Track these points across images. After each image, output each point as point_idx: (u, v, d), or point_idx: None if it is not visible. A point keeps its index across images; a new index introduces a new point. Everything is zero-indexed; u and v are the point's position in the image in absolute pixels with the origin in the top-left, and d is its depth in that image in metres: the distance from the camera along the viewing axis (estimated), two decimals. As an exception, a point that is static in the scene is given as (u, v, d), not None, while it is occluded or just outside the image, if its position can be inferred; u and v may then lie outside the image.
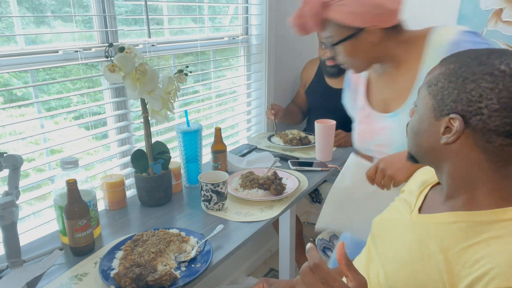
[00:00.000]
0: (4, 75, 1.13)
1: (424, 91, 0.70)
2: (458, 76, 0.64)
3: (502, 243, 0.59)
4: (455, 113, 0.63)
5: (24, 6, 1.18)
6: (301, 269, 0.58)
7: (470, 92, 0.61)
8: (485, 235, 0.61)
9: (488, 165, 0.64)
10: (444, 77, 0.66)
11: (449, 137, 0.64)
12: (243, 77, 2.07)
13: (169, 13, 1.67)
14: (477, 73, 0.61)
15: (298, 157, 1.76)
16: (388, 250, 0.79)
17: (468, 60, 0.64)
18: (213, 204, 1.28)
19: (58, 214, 1.10)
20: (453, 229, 0.66)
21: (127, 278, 0.90)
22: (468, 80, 0.62)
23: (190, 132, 1.41)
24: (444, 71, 0.67)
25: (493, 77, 0.60)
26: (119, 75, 1.11)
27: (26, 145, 1.26)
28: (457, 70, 0.64)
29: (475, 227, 0.63)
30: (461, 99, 0.62)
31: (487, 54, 0.63)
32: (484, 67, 0.61)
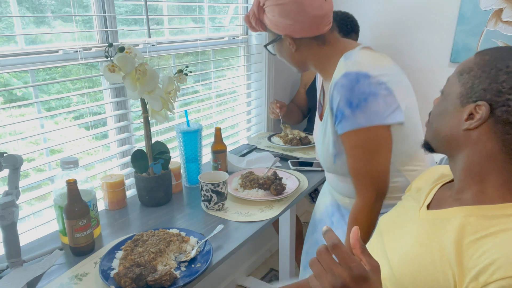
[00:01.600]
0: (4, 75, 1.13)
1: (454, 79, 0.72)
2: (492, 66, 0.66)
3: (509, 235, 0.61)
4: (483, 101, 0.65)
5: (24, 6, 1.18)
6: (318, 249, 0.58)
7: (502, 83, 0.64)
8: (493, 228, 0.63)
9: (503, 157, 0.65)
10: (478, 66, 0.68)
11: (472, 123, 0.66)
12: (243, 77, 2.07)
13: (169, 13, 1.67)
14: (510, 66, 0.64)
15: (298, 157, 1.76)
16: (396, 245, 0.80)
17: (505, 54, 0.66)
18: (213, 204, 1.28)
19: (58, 214, 1.10)
20: (462, 223, 0.67)
21: (127, 278, 0.90)
22: (501, 71, 0.64)
23: (190, 132, 1.41)
24: (479, 61, 0.68)
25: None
26: (119, 75, 1.11)
27: (26, 145, 1.26)
28: (492, 61, 0.66)
29: (484, 221, 0.65)
30: (491, 88, 0.64)
31: None
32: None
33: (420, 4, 2.00)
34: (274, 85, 2.14)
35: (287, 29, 1.09)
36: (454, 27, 1.92)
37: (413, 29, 2.05)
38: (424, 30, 2.02)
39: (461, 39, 1.90)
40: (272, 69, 2.09)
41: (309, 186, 1.49)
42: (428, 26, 2.01)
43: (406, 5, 2.05)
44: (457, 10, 1.89)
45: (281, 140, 1.92)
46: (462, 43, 1.90)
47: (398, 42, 2.07)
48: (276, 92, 2.17)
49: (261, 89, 2.12)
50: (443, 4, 1.94)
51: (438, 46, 1.98)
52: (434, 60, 2.00)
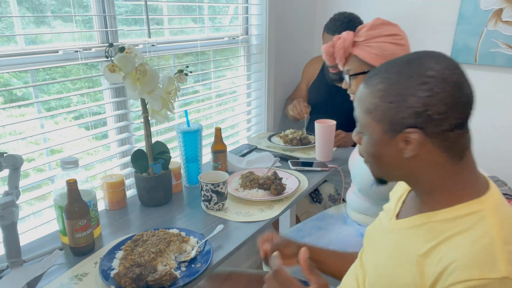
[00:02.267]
0: (4, 75, 1.13)
1: (367, 119, 0.70)
2: (394, 94, 0.65)
3: (462, 237, 0.61)
4: (410, 127, 0.64)
5: (24, 6, 1.18)
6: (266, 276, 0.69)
7: (414, 105, 0.63)
8: (448, 232, 0.63)
9: (449, 162, 0.66)
10: (380, 100, 0.67)
11: (412, 149, 0.65)
12: (243, 77, 2.07)
13: (169, 13, 1.67)
14: (412, 87, 0.63)
15: (298, 157, 1.76)
16: (371, 258, 0.80)
17: (394, 77, 0.65)
18: (213, 204, 1.28)
19: (58, 214, 1.10)
20: (422, 231, 0.67)
21: (127, 278, 0.90)
22: (406, 96, 0.63)
23: (190, 132, 1.41)
24: (376, 93, 0.67)
25: (427, 85, 0.62)
26: (119, 75, 1.11)
27: (26, 145, 1.26)
28: (390, 90, 0.65)
29: (440, 226, 0.65)
30: (409, 114, 0.64)
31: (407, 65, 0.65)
32: (414, 78, 0.63)
33: (420, 4, 2.00)
34: (274, 85, 2.14)
35: None
36: (454, 27, 1.92)
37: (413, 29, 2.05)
38: (424, 30, 2.02)
39: (461, 39, 1.90)
40: (272, 69, 2.09)
41: (309, 186, 1.49)
42: (428, 26, 2.01)
43: (406, 5, 2.05)
44: (457, 10, 1.89)
45: (281, 140, 1.92)
46: (462, 43, 1.90)
47: (398, 42, 2.07)
48: (276, 92, 2.17)
49: (261, 89, 2.12)
50: (443, 4, 1.94)
51: (438, 46, 1.97)
52: (434, 60, 2.00)
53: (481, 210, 0.63)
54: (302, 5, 2.22)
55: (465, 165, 0.67)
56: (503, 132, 1.92)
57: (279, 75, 2.17)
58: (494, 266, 0.56)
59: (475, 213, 0.63)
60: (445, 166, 0.66)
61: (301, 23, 2.26)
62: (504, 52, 1.81)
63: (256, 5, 1.97)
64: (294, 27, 2.21)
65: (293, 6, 2.15)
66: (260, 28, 2.01)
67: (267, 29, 1.99)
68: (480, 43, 1.86)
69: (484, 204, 0.63)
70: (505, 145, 1.93)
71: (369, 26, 1.21)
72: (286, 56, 2.20)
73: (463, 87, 0.63)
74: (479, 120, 1.94)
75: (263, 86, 2.10)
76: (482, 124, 1.94)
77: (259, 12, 1.98)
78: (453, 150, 0.65)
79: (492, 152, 1.95)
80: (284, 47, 2.16)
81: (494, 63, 1.84)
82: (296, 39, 2.24)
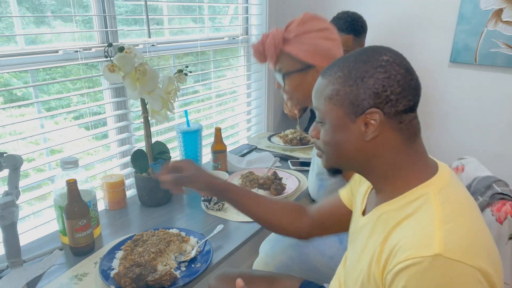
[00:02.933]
0: (4, 75, 1.13)
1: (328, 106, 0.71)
2: (354, 78, 0.68)
3: (408, 221, 0.63)
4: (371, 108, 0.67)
5: (24, 6, 1.18)
6: None
7: (373, 86, 0.66)
8: (398, 218, 0.65)
9: (404, 145, 0.69)
10: (340, 85, 0.69)
11: (373, 131, 0.68)
12: (243, 77, 2.07)
13: (169, 13, 1.67)
14: (370, 70, 0.67)
15: (298, 157, 1.76)
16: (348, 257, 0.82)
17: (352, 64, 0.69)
18: (213, 204, 1.28)
19: (58, 214, 1.10)
20: (379, 222, 0.69)
21: (127, 278, 0.90)
22: (365, 78, 0.67)
23: (190, 132, 1.41)
24: (335, 80, 0.70)
25: (383, 68, 0.66)
26: (119, 75, 1.11)
27: (26, 145, 1.26)
28: (349, 75, 0.69)
29: (393, 215, 0.67)
30: (369, 95, 0.67)
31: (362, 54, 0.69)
32: (371, 63, 0.67)
33: (420, 4, 2.00)
34: (274, 85, 2.14)
35: (323, 61, 1.14)
36: (454, 27, 1.92)
37: (413, 29, 2.05)
38: (424, 30, 2.02)
39: (461, 39, 1.90)
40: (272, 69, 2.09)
41: (309, 186, 1.49)
42: (428, 26, 2.01)
43: (406, 5, 2.05)
44: (457, 10, 1.89)
45: (281, 140, 1.92)
46: (462, 43, 1.90)
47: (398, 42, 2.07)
48: (276, 92, 2.17)
49: (261, 89, 2.12)
50: (443, 4, 1.94)
51: (438, 46, 1.97)
52: (434, 60, 2.00)
53: (426, 193, 0.65)
54: (302, 5, 2.22)
55: (416, 149, 0.69)
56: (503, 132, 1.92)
57: (279, 75, 2.17)
58: (429, 244, 0.57)
59: (421, 196, 0.65)
60: (400, 148, 0.69)
61: (301, 23, 2.26)
62: (504, 52, 1.81)
63: (256, 5, 1.97)
64: (294, 27, 2.20)
65: (293, 6, 2.15)
66: (260, 28, 2.01)
67: (267, 29, 1.99)
68: (480, 43, 1.86)
69: (429, 187, 0.66)
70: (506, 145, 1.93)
71: (299, 22, 1.16)
72: (286, 56, 2.20)
73: (412, 73, 0.68)
74: (479, 120, 1.95)
75: (263, 86, 2.10)
76: (482, 124, 1.94)
77: (259, 12, 1.98)
78: (407, 133, 0.68)
79: (493, 152, 1.95)
80: (284, 47, 2.16)
81: (494, 63, 1.84)
82: (296, 39, 2.24)
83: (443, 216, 0.60)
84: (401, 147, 0.68)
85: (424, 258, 0.56)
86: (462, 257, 0.56)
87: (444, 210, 0.61)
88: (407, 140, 0.68)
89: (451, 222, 0.60)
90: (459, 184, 0.70)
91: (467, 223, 0.61)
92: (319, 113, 0.74)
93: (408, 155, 0.69)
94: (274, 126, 2.23)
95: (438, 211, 0.61)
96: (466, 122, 1.94)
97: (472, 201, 0.68)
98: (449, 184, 0.67)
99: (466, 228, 0.60)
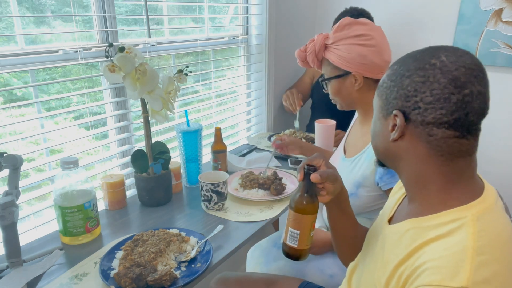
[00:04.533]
0: (4, 75, 1.13)
1: (376, 94, 0.72)
2: (397, 74, 0.66)
3: (438, 243, 0.59)
4: (396, 110, 0.65)
5: (24, 6, 1.18)
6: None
7: (407, 87, 0.64)
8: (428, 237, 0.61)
9: (435, 160, 0.64)
10: (388, 77, 0.69)
11: (394, 133, 0.66)
12: (243, 77, 2.07)
13: (169, 13, 1.67)
14: (411, 69, 0.64)
15: (298, 157, 1.76)
16: (364, 260, 0.80)
17: (407, 59, 0.66)
18: (213, 204, 1.28)
19: (58, 214, 1.10)
20: (406, 237, 0.65)
21: (127, 278, 0.90)
22: (404, 76, 0.64)
23: (190, 132, 1.41)
24: (389, 72, 0.69)
25: (424, 71, 0.62)
26: (119, 75, 1.11)
27: (26, 145, 1.26)
28: (398, 69, 0.67)
29: (423, 233, 0.63)
30: (400, 96, 0.65)
31: (423, 51, 0.65)
32: (417, 62, 0.64)
33: (420, 4, 2.00)
34: (274, 85, 2.14)
35: (359, 68, 1.14)
36: (454, 27, 1.92)
37: (413, 29, 2.05)
38: (424, 30, 2.02)
39: (461, 39, 1.90)
40: (272, 69, 2.09)
41: (309, 186, 1.48)
42: (428, 26, 2.01)
43: (406, 5, 2.05)
44: (457, 10, 1.89)
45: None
46: (462, 43, 1.90)
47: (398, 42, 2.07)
48: (276, 92, 2.17)
49: (261, 89, 2.12)
50: (443, 4, 1.94)
51: (438, 46, 1.98)
52: (434, 60, 2.00)
53: (463, 217, 0.60)
54: (302, 5, 2.22)
55: (456, 169, 0.64)
56: (503, 132, 1.92)
57: (279, 75, 2.17)
58: (456, 275, 0.53)
59: (457, 220, 0.60)
60: (430, 161, 0.64)
61: (301, 23, 2.26)
62: (504, 52, 1.81)
63: (256, 5, 1.97)
64: (294, 27, 2.21)
65: (293, 6, 2.15)
66: (260, 28, 2.01)
67: (267, 29, 1.99)
68: (480, 43, 1.86)
69: (468, 211, 0.61)
70: (506, 145, 1.93)
71: (336, 28, 1.16)
72: (286, 56, 2.20)
73: (464, 86, 0.59)
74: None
75: (263, 86, 2.10)
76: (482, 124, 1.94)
77: (259, 12, 1.98)
78: (439, 149, 0.63)
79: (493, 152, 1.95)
80: (284, 47, 2.16)
81: (494, 63, 1.84)
82: (296, 39, 2.24)
83: (478, 246, 0.55)
84: (431, 161, 0.64)
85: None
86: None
87: (480, 240, 0.56)
88: (440, 156, 0.63)
89: (486, 254, 0.55)
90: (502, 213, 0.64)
91: (503, 258, 0.56)
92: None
93: (441, 172, 0.64)
94: (274, 126, 2.23)
95: (474, 240, 0.56)
96: (466, 122, 1.94)
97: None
98: (491, 211, 0.62)
99: (501, 264, 0.55)
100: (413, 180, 0.68)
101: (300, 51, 1.24)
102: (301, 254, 0.82)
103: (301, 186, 0.80)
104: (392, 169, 0.75)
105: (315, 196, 0.79)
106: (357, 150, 1.18)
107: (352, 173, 1.16)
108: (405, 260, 0.62)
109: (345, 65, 1.15)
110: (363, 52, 1.12)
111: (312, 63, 1.23)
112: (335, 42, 1.15)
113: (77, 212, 1.08)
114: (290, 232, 0.80)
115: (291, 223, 0.80)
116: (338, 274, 1.22)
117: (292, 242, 0.80)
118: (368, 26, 1.15)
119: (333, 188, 0.78)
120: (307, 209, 0.78)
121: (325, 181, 0.77)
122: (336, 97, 1.23)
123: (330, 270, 1.23)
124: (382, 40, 1.15)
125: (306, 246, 0.81)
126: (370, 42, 1.13)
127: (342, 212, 0.86)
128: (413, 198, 0.69)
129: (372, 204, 1.13)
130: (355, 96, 1.20)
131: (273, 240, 1.45)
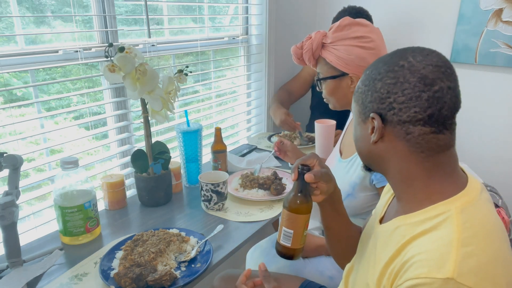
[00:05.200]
0: (4, 75, 1.13)
1: (352, 99, 0.74)
2: (370, 78, 0.68)
3: (425, 237, 0.60)
4: (373, 112, 0.67)
5: (24, 6, 1.18)
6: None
7: (380, 90, 0.66)
8: (415, 233, 0.62)
9: (416, 157, 0.65)
10: (362, 82, 0.71)
11: (374, 135, 0.68)
12: (243, 77, 2.07)
13: (169, 13, 1.67)
14: (382, 72, 0.66)
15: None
16: (359, 261, 0.80)
17: (377, 63, 0.68)
18: (213, 204, 1.28)
19: (58, 214, 1.10)
20: (395, 234, 0.67)
21: (127, 278, 0.90)
22: (376, 80, 0.66)
23: (190, 132, 1.41)
24: (363, 77, 0.71)
25: (394, 73, 0.64)
26: (119, 75, 1.11)
27: (26, 145, 1.26)
28: (370, 74, 0.69)
29: (410, 229, 0.64)
30: (375, 99, 0.66)
31: (391, 54, 0.68)
32: (386, 66, 0.66)
33: (420, 4, 2.00)
34: (274, 85, 2.14)
35: (357, 70, 1.13)
36: (454, 27, 1.92)
37: (413, 29, 2.05)
38: (424, 30, 2.02)
39: (461, 39, 1.90)
40: (272, 69, 2.09)
41: (309, 186, 1.48)
42: (428, 26, 2.01)
43: (406, 5, 2.05)
44: (457, 10, 1.89)
45: (281, 140, 1.91)
46: (462, 43, 1.90)
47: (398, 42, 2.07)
48: (276, 92, 2.17)
49: (261, 89, 2.12)
50: (443, 4, 1.94)
51: (438, 46, 1.97)
52: (434, 60, 2.00)
53: (448, 210, 0.61)
54: (302, 5, 2.22)
55: (437, 163, 0.65)
56: (503, 132, 1.92)
57: (279, 75, 2.17)
58: (442, 266, 0.54)
59: (442, 213, 0.61)
60: (411, 159, 0.66)
61: (301, 23, 2.26)
62: (504, 52, 1.81)
63: (256, 5, 1.97)
64: (294, 27, 2.21)
65: (293, 6, 2.15)
66: (260, 28, 2.01)
67: (267, 29, 1.99)
68: (480, 43, 1.86)
69: (452, 204, 0.62)
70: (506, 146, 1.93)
71: (336, 28, 1.14)
72: (286, 56, 2.20)
73: (433, 83, 0.61)
74: (479, 120, 1.95)
75: (263, 86, 2.10)
76: (482, 124, 1.94)
77: (259, 12, 1.98)
78: (418, 146, 0.64)
79: (493, 153, 1.95)
80: (284, 47, 2.16)
81: (494, 63, 1.84)
82: (296, 39, 2.24)
83: (463, 237, 0.57)
84: (412, 158, 0.65)
85: (435, 279, 0.53)
86: (476, 284, 0.53)
87: (465, 232, 0.58)
88: (420, 152, 0.65)
89: (471, 245, 0.56)
90: (487, 204, 0.65)
91: (488, 248, 0.57)
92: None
93: (424, 168, 0.65)
94: (274, 126, 2.23)
95: (458, 232, 0.57)
96: (466, 122, 1.94)
97: (499, 225, 0.63)
98: (476, 203, 0.63)
99: (486, 254, 0.56)
100: (398, 179, 0.69)
101: (296, 47, 1.21)
102: (295, 253, 0.83)
103: (295, 185, 0.80)
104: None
105: (309, 196, 0.80)
106: (353, 151, 1.18)
107: (348, 174, 1.16)
108: (395, 257, 0.63)
109: (343, 66, 1.14)
110: (362, 54, 1.11)
111: (308, 61, 1.20)
112: (333, 42, 1.14)
113: (77, 212, 1.08)
114: (284, 231, 0.81)
115: (285, 223, 0.81)
116: (338, 276, 1.22)
117: (285, 241, 0.81)
118: (368, 28, 1.14)
119: (327, 188, 0.79)
120: (301, 208, 0.79)
121: (319, 180, 0.77)
122: (331, 97, 1.22)
123: (329, 271, 1.23)
124: (381, 43, 1.15)
125: (300, 246, 0.82)
126: (369, 44, 1.12)
127: (336, 211, 0.87)
128: (401, 197, 0.70)
129: (369, 204, 1.13)
130: (350, 98, 1.18)
131: (273, 240, 1.45)
